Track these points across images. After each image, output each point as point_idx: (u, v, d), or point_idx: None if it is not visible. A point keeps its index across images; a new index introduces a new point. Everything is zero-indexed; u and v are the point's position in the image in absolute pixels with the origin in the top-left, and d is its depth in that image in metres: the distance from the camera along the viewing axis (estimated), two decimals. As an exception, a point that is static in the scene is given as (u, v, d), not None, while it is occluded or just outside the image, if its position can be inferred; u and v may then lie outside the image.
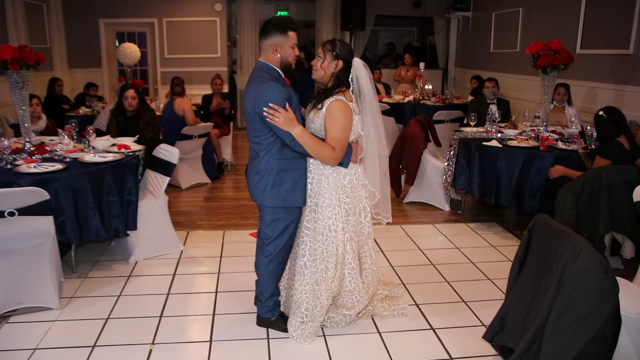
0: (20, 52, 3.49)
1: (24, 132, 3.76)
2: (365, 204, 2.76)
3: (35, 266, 3.01)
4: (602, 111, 3.72)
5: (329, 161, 2.54)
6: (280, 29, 2.53)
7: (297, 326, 2.73)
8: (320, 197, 2.62)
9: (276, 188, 2.56)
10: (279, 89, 2.45)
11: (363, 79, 2.60)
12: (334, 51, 2.55)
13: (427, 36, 11.51)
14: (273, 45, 2.53)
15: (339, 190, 2.63)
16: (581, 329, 1.93)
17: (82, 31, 8.91)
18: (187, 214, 4.91)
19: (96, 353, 2.65)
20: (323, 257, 2.66)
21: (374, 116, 2.67)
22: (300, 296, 2.70)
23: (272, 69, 2.56)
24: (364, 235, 2.82)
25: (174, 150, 3.83)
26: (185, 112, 5.57)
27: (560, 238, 2.09)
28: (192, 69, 8.97)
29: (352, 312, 2.84)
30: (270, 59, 2.56)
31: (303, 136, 2.46)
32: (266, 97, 2.43)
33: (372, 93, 2.64)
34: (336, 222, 2.62)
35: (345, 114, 2.51)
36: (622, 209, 3.31)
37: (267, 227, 2.68)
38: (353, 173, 2.66)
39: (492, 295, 3.32)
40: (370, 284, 2.93)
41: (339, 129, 2.50)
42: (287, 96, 2.46)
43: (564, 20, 6.23)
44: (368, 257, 2.88)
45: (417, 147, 4.94)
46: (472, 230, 4.54)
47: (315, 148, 2.49)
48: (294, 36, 2.55)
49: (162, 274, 3.59)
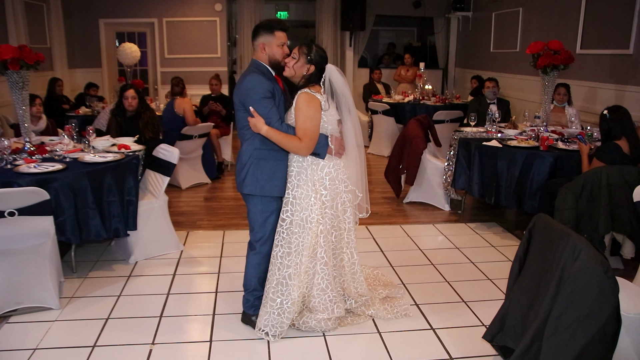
0: (20, 52, 3.49)
1: (24, 132, 3.76)
2: (345, 198, 2.76)
3: (35, 266, 3.01)
4: (606, 110, 3.70)
5: (299, 151, 2.61)
6: (268, 28, 2.67)
7: (267, 320, 2.72)
8: (298, 189, 2.67)
9: (255, 176, 2.68)
10: (261, 79, 2.60)
11: (337, 82, 2.66)
12: (308, 55, 2.63)
13: (427, 36, 11.51)
14: (261, 44, 2.68)
15: (317, 182, 2.66)
16: (581, 329, 1.92)
17: (82, 31, 8.91)
18: (187, 214, 4.91)
19: (96, 353, 2.65)
20: (298, 250, 2.67)
21: (353, 119, 2.71)
22: (269, 287, 2.71)
23: (261, 65, 2.69)
24: (343, 230, 2.80)
25: (174, 150, 3.83)
26: (185, 112, 5.57)
27: (560, 238, 2.09)
28: (192, 69, 8.97)
29: (326, 316, 2.78)
30: (261, 57, 2.70)
31: (269, 133, 2.58)
32: (248, 86, 2.61)
33: (348, 95, 2.69)
34: (312, 214, 2.65)
35: (309, 104, 2.56)
36: (622, 209, 3.31)
37: (250, 219, 2.79)
38: (332, 166, 2.69)
39: (492, 295, 3.32)
40: (351, 288, 2.90)
41: (305, 119, 2.57)
42: (269, 87, 2.59)
43: (564, 20, 6.23)
44: (347, 255, 2.85)
45: (417, 147, 4.94)
46: (472, 230, 4.54)
47: (283, 141, 2.59)
48: (281, 36, 2.67)
49: (162, 274, 3.59)
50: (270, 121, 2.59)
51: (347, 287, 2.93)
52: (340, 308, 2.81)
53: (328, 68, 2.66)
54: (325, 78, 2.65)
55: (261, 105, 2.59)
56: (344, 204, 2.77)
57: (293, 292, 2.69)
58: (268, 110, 2.59)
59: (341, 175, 2.73)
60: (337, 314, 2.80)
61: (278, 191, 2.71)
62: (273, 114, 2.60)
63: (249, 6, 9.26)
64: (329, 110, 2.64)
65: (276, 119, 2.61)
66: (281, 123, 2.62)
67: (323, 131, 2.65)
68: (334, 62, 9.73)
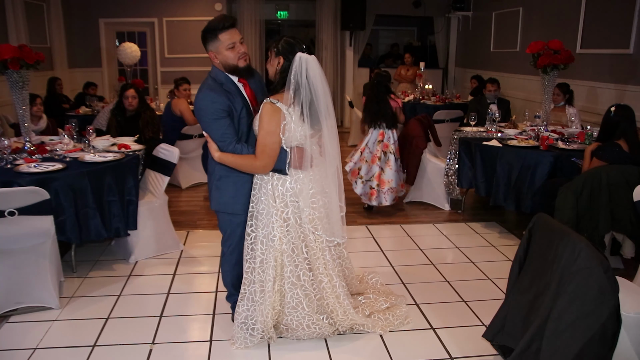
0: (20, 52, 3.49)
1: (24, 132, 3.76)
2: (315, 215, 2.53)
3: (35, 266, 3.01)
4: (614, 106, 3.67)
5: (257, 170, 2.46)
6: (211, 33, 2.44)
7: (235, 331, 2.68)
8: (260, 203, 2.54)
9: (218, 192, 2.59)
10: (212, 99, 2.40)
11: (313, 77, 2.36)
12: (275, 48, 2.41)
13: (427, 36, 11.51)
14: (210, 53, 2.47)
15: (277, 197, 2.50)
16: (581, 328, 1.92)
17: (82, 31, 8.91)
18: (187, 213, 4.91)
19: (96, 353, 2.65)
20: (262, 267, 2.55)
21: (329, 122, 2.47)
22: (239, 300, 2.66)
23: (219, 74, 2.50)
24: (315, 250, 2.58)
25: (174, 149, 3.83)
26: (182, 112, 5.56)
27: (560, 238, 2.09)
28: (192, 68, 8.95)
29: (303, 334, 2.66)
30: (217, 65, 2.50)
31: (222, 158, 2.44)
32: (200, 105, 2.44)
33: (324, 93, 2.40)
34: (273, 232, 2.51)
35: (270, 118, 2.36)
36: (622, 209, 3.31)
37: (220, 227, 2.75)
38: (295, 180, 2.49)
39: (492, 295, 3.32)
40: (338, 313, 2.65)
41: (264, 133, 2.37)
42: (221, 106, 2.40)
43: (564, 20, 6.23)
44: (325, 277, 2.60)
45: (417, 147, 4.95)
46: (472, 230, 4.54)
47: (237, 163, 2.44)
48: (226, 37, 2.42)
49: (162, 274, 3.59)
50: (223, 144, 2.42)
51: (332, 310, 2.67)
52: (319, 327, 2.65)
53: (301, 58, 2.35)
54: (293, 70, 2.34)
55: (213, 128, 2.42)
56: (312, 221, 2.52)
57: (265, 309, 2.57)
58: (221, 132, 2.41)
59: (308, 190, 2.50)
60: (311, 332, 2.66)
61: (241, 209, 2.59)
62: (227, 135, 2.41)
63: (249, 6, 9.26)
64: (292, 122, 2.38)
65: (230, 140, 2.42)
66: (238, 144, 2.43)
67: (288, 144, 2.42)
68: (334, 62, 9.75)
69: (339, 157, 2.58)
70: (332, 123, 2.48)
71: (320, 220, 2.55)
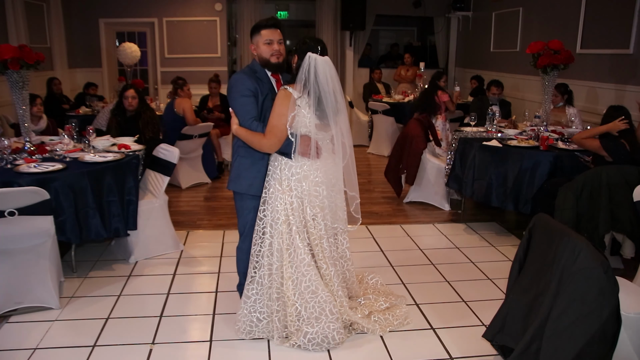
0: (20, 52, 3.49)
1: (24, 132, 3.76)
2: (316, 203, 2.65)
3: (35, 266, 3.01)
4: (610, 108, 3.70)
5: (263, 147, 2.62)
6: (255, 29, 2.73)
7: (240, 315, 2.73)
8: (270, 188, 2.68)
9: (235, 173, 2.79)
10: (242, 78, 2.67)
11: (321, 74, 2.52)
12: (295, 46, 2.65)
13: (427, 36, 11.50)
14: (251, 45, 2.77)
15: (283, 181, 2.65)
16: (581, 328, 1.92)
17: (82, 31, 8.91)
18: (187, 213, 4.92)
19: (96, 353, 2.65)
20: (271, 251, 2.64)
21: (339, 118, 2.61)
22: (247, 283, 2.72)
23: (255, 64, 2.78)
24: (315, 237, 2.67)
25: (174, 150, 3.83)
26: (185, 112, 5.57)
27: (560, 238, 2.09)
28: (192, 68, 8.96)
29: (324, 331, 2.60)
30: (256, 58, 2.78)
31: (238, 131, 2.66)
32: (231, 82, 2.71)
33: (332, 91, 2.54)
34: (277, 215, 2.64)
35: (282, 101, 2.56)
36: (622, 209, 3.31)
37: (237, 210, 2.88)
38: (300, 166, 2.63)
39: (492, 295, 3.32)
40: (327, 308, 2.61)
41: (274, 115, 2.57)
42: (249, 86, 2.64)
43: (564, 20, 6.23)
44: (323, 263, 2.69)
45: (417, 147, 4.95)
46: (472, 230, 4.54)
47: (248, 138, 2.63)
48: (266, 33, 2.69)
49: (162, 274, 3.59)
50: (243, 119, 2.64)
51: None
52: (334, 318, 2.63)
53: (310, 57, 2.52)
54: (304, 68, 2.52)
55: (237, 103, 2.66)
56: (313, 208, 2.65)
57: (267, 292, 2.66)
58: (243, 108, 2.64)
59: (313, 178, 2.63)
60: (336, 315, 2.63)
61: (254, 190, 2.74)
62: (247, 112, 2.64)
63: (249, 6, 9.26)
64: (302, 108, 2.54)
65: (249, 116, 2.64)
66: (255, 121, 2.63)
67: (295, 130, 2.57)
68: (334, 62, 9.72)
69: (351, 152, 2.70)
70: (341, 119, 2.65)
71: (322, 210, 2.68)
